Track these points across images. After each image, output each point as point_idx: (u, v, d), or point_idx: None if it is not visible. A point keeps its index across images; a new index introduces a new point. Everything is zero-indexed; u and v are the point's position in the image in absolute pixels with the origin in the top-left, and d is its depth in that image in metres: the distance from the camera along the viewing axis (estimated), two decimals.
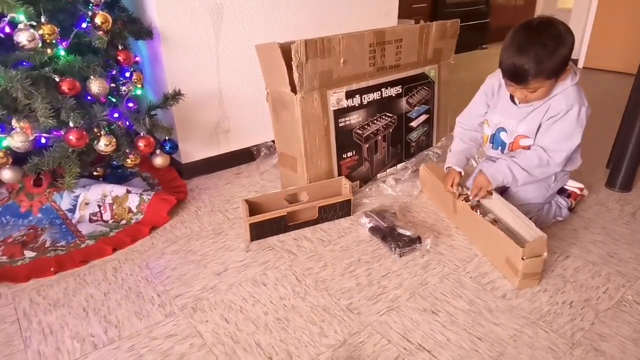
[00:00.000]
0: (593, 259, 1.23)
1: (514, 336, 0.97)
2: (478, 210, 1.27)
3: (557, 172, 1.28)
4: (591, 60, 3.43)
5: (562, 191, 1.43)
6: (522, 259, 1.06)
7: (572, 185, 1.44)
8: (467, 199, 1.31)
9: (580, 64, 3.46)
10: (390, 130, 1.63)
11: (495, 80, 1.34)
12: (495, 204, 1.27)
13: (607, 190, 1.60)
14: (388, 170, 1.69)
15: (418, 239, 1.27)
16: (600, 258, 1.23)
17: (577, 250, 1.27)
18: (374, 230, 1.32)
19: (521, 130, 1.28)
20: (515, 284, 1.12)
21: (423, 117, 1.74)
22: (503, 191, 1.38)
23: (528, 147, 1.28)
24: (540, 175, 1.27)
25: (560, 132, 1.22)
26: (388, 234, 1.28)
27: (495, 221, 1.22)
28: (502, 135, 1.33)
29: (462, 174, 1.40)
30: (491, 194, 1.28)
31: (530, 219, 1.30)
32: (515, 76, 1.14)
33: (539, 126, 1.24)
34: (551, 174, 1.29)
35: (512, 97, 1.29)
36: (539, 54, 1.09)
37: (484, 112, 1.39)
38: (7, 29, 1.16)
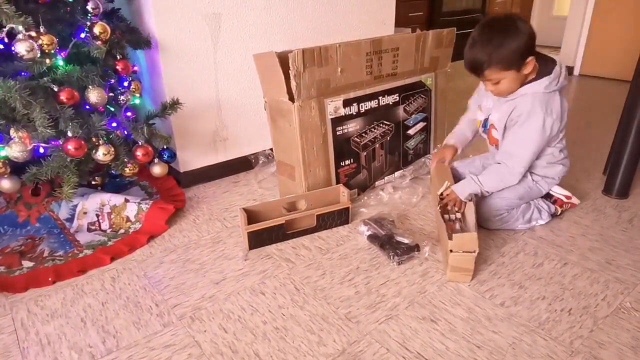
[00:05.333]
0: (591, 266, 1.23)
1: (513, 344, 0.97)
2: (448, 208, 1.34)
3: (518, 179, 1.31)
4: (587, 67, 3.46)
5: (548, 196, 1.45)
6: (450, 251, 1.12)
7: (558, 192, 1.45)
8: (444, 208, 1.35)
9: (577, 71, 3.48)
10: (388, 138, 1.64)
11: None
12: (470, 206, 1.31)
13: (604, 197, 1.61)
14: (386, 178, 1.70)
15: (416, 247, 1.27)
16: (598, 265, 1.24)
17: (574, 257, 1.27)
18: (373, 238, 1.32)
19: (494, 118, 1.34)
20: (446, 276, 1.18)
21: (420, 125, 1.75)
22: None
23: (497, 141, 1.36)
24: (506, 183, 1.32)
25: (522, 137, 1.26)
26: (386, 241, 1.28)
27: (460, 220, 1.28)
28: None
29: (459, 151, 1.48)
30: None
31: (499, 215, 1.35)
32: (471, 68, 1.23)
33: (505, 126, 1.30)
34: (513, 182, 1.32)
35: None
36: (487, 46, 1.17)
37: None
38: (6, 40, 1.17)
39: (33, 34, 1.17)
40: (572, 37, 3.46)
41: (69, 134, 1.23)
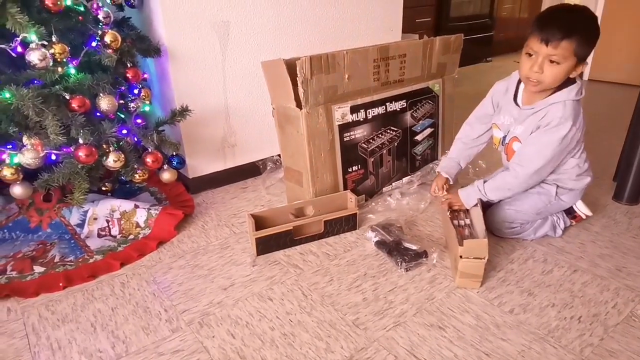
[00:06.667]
0: (601, 273, 1.22)
1: (522, 352, 0.97)
2: (457, 214, 1.35)
3: (522, 187, 1.29)
4: (596, 72, 3.44)
5: (569, 210, 1.41)
6: (460, 257, 1.12)
7: (581, 210, 1.40)
8: (453, 214, 1.36)
9: (585, 76, 3.46)
10: (395, 144, 1.64)
11: (503, 84, 1.37)
12: (477, 212, 1.31)
13: (614, 203, 1.60)
14: (394, 184, 1.70)
15: (424, 253, 1.26)
16: (609, 272, 1.22)
17: (584, 264, 1.26)
18: (380, 244, 1.32)
19: (518, 132, 1.29)
20: (455, 282, 1.18)
21: (428, 131, 1.75)
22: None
23: None
24: (513, 191, 1.31)
25: (544, 143, 1.22)
26: (394, 248, 1.28)
27: (469, 226, 1.28)
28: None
29: (450, 180, 1.47)
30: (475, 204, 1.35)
31: (512, 228, 1.34)
32: (555, 27, 1.12)
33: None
34: (518, 190, 1.30)
35: (514, 98, 1.31)
36: (583, 24, 1.14)
37: (491, 114, 1.42)
38: (20, 49, 1.19)
39: (45, 43, 1.19)
40: None
41: (80, 141, 1.25)
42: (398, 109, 1.60)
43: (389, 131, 1.60)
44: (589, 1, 3.33)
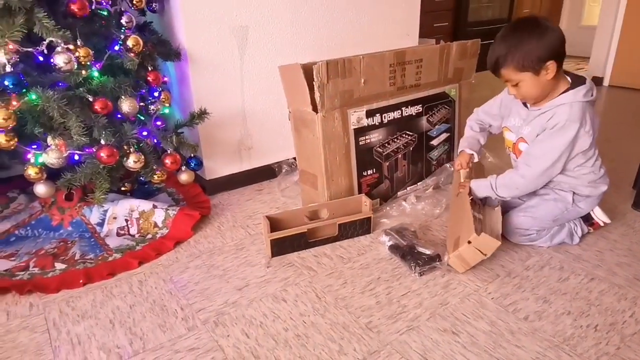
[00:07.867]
0: (619, 282, 1.20)
1: (537, 359, 0.96)
2: (472, 205, 1.32)
3: (531, 187, 1.28)
4: (617, 78, 3.37)
5: (586, 218, 1.39)
6: (469, 242, 1.15)
7: (599, 217, 1.38)
8: (474, 201, 1.34)
9: (606, 82, 3.40)
10: (411, 148, 1.64)
11: None
12: (497, 215, 1.32)
13: (633, 211, 1.57)
14: (409, 188, 1.70)
15: (438, 257, 1.26)
16: (627, 281, 1.20)
17: (602, 273, 1.24)
18: (394, 248, 1.33)
19: (525, 132, 1.29)
20: (447, 258, 1.23)
21: (444, 136, 1.75)
22: (515, 206, 1.39)
23: None
24: (522, 191, 1.31)
25: (550, 145, 1.21)
26: (408, 252, 1.28)
27: (480, 221, 1.27)
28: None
29: (475, 156, 1.47)
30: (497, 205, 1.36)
31: (527, 235, 1.33)
32: (489, 66, 1.22)
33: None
34: (526, 190, 1.30)
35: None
36: (504, 44, 1.17)
37: (495, 114, 1.45)
38: (46, 52, 1.23)
39: (71, 46, 1.23)
40: (602, 47, 3.39)
41: (102, 142, 1.28)
42: (414, 114, 1.60)
43: (404, 135, 1.60)
44: (609, 7, 3.29)
